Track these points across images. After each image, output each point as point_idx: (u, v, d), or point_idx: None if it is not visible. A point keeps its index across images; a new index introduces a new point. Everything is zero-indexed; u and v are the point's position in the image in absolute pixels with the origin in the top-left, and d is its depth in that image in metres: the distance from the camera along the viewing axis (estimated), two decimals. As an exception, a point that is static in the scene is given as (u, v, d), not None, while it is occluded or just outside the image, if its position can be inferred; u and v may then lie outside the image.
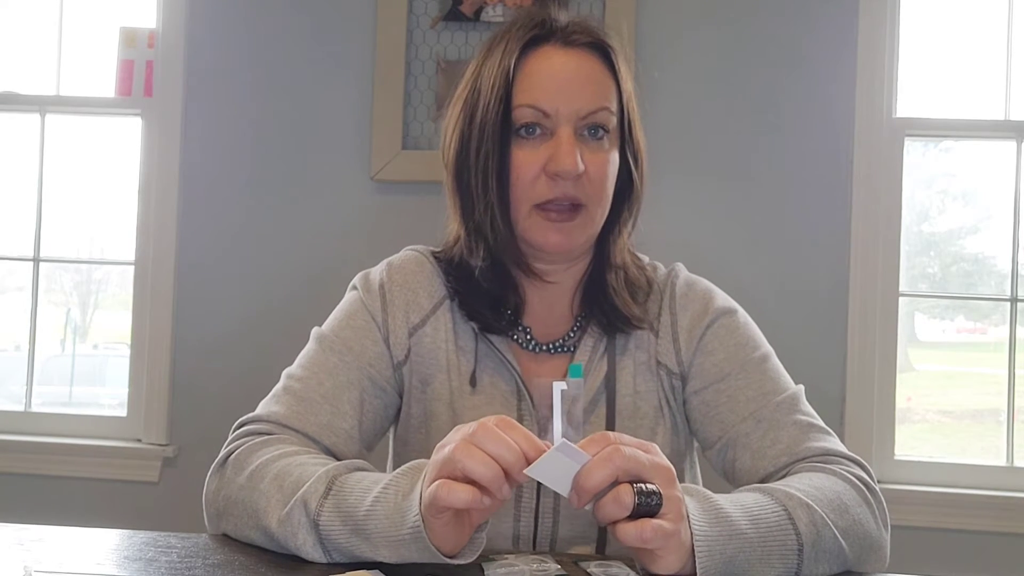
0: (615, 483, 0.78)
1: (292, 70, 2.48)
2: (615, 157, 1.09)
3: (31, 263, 2.65)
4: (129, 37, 2.57)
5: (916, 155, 2.52)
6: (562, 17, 1.10)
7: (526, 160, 1.05)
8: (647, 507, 0.77)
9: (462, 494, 0.76)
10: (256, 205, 2.48)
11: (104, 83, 2.61)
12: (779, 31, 2.37)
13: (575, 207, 1.06)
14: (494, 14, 2.39)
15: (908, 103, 2.41)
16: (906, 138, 2.38)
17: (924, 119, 2.40)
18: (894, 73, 2.38)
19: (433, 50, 2.42)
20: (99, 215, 2.78)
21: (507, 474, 0.77)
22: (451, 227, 1.15)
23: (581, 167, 1.04)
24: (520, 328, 1.13)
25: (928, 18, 2.47)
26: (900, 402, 2.38)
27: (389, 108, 2.41)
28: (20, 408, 2.62)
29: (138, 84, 2.56)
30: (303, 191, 2.47)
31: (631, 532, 0.77)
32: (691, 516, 0.81)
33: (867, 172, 2.34)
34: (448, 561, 0.81)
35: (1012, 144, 2.42)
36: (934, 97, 2.46)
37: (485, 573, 0.83)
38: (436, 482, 0.78)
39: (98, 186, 2.74)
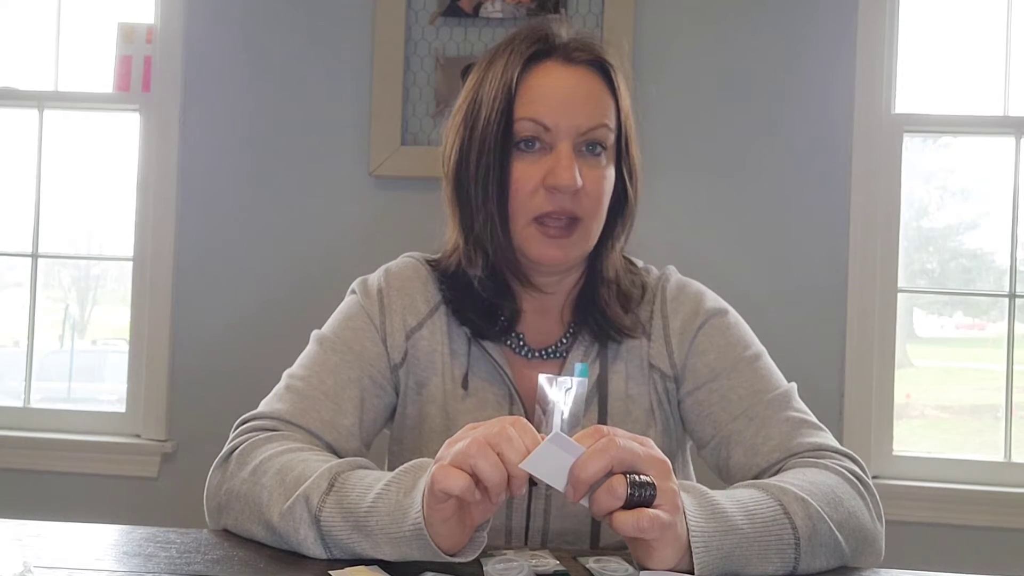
0: (610, 474, 0.78)
1: (291, 66, 2.48)
2: (611, 173, 1.10)
3: (29, 259, 2.64)
4: (127, 32, 2.57)
5: (915, 151, 2.52)
6: (564, 33, 1.11)
7: (525, 173, 1.06)
8: (641, 498, 0.78)
9: (458, 480, 0.77)
10: (255, 200, 2.48)
11: (102, 78, 2.61)
12: (778, 28, 2.37)
13: (572, 221, 1.07)
14: (492, 10, 2.39)
15: (907, 99, 2.41)
16: (905, 134, 2.38)
17: (923, 115, 2.40)
18: (893, 69, 2.38)
19: (432, 46, 2.42)
20: (97, 211, 2.78)
21: (509, 479, 0.78)
22: (449, 237, 1.16)
23: (579, 182, 1.05)
24: (513, 334, 1.14)
25: (927, 14, 2.46)
26: (899, 398, 2.38)
27: (388, 104, 2.40)
28: (19, 404, 2.62)
29: (136, 79, 2.56)
30: (302, 186, 2.47)
31: (628, 522, 0.77)
32: (687, 511, 0.82)
33: (866, 168, 2.34)
34: (448, 559, 0.82)
35: (1011, 140, 2.42)
36: (933, 93, 2.46)
37: (484, 569, 0.83)
38: (437, 464, 0.79)
39: (96, 182, 2.74)
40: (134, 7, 2.62)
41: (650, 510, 0.78)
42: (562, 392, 0.81)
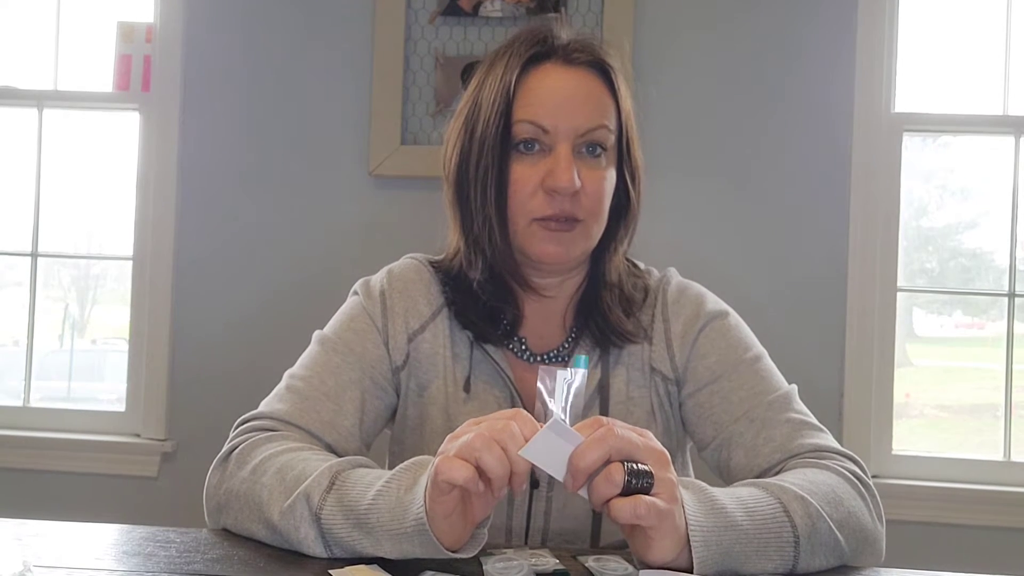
0: (609, 463, 0.79)
1: (290, 65, 2.48)
2: (612, 175, 1.10)
3: (29, 258, 2.64)
4: (127, 32, 2.57)
5: (914, 150, 2.52)
6: (564, 34, 1.10)
7: (524, 175, 1.06)
8: (638, 486, 0.78)
9: (463, 471, 0.77)
10: (254, 200, 2.48)
11: (102, 78, 2.61)
12: (778, 27, 2.37)
13: (573, 221, 1.07)
14: (492, 9, 2.39)
15: (906, 98, 2.41)
16: (904, 133, 2.38)
17: (922, 114, 2.40)
18: (893, 68, 2.38)
19: (431, 45, 2.42)
20: (97, 210, 2.78)
21: (511, 473, 0.78)
22: (451, 239, 1.16)
23: (577, 184, 1.05)
24: (516, 339, 1.14)
25: (927, 13, 2.46)
26: (898, 397, 2.38)
27: (387, 103, 2.40)
28: (19, 403, 2.62)
29: (136, 79, 2.56)
30: (301, 186, 2.47)
31: (625, 508, 0.77)
32: (687, 507, 0.82)
33: (865, 167, 2.34)
34: (450, 555, 0.82)
35: (1010, 139, 2.42)
36: (932, 92, 2.46)
37: (484, 567, 0.83)
38: (441, 456, 0.79)
39: (96, 181, 2.74)
40: (133, 6, 2.61)
41: (647, 497, 0.78)
42: (562, 384, 0.81)
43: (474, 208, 1.09)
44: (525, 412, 0.81)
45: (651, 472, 0.79)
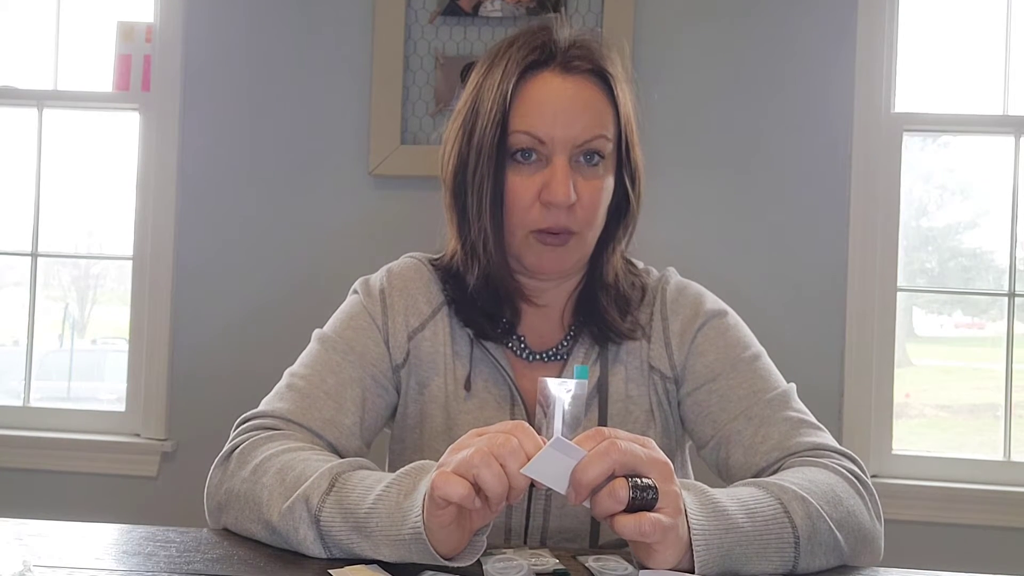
0: (612, 477, 0.78)
1: (290, 65, 2.48)
2: (610, 183, 1.10)
3: (29, 258, 2.64)
4: (127, 31, 2.57)
5: (915, 150, 2.52)
6: (563, 36, 1.09)
7: (521, 186, 1.06)
8: (643, 501, 0.77)
9: (458, 488, 0.76)
10: (254, 200, 2.48)
11: (102, 78, 2.60)
12: (778, 26, 2.37)
13: (568, 234, 1.07)
14: (492, 9, 2.39)
15: (907, 98, 2.41)
16: (904, 133, 2.38)
17: (923, 114, 2.40)
18: (893, 68, 2.38)
19: (431, 45, 2.42)
20: (97, 210, 2.78)
21: (509, 487, 0.77)
22: (449, 242, 1.16)
23: (573, 198, 1.05)
24: (515, 337, 1.15)
25: (927, 13, 2.46)
26: (898, 397, 2.38)
27: (387, 103, 2.40)
28: (19, 403, 2.62)
29: (136, 79, 2.56)
30: (301, 186, 2.47)
31: (630, 526, 0.77)
32: (688, 510, 0.82)
33: (865, 167, 2.34)
34: (447, 564, 0.82)
35: (1010, 139, 2.42)
36: (933, 92, 2.46)
37: (484, 568, 0.83)
38: (439, 470, 0.79)
39: (96, 181, 2.74)
40: (133, 6, 2.61)
41: (652, 514, 0.77)
42: (563, 394, 0.81)
43: (471, 216, 1.09)
44: (527, 425, 0.80)
45: (655, 487, 0.78)
